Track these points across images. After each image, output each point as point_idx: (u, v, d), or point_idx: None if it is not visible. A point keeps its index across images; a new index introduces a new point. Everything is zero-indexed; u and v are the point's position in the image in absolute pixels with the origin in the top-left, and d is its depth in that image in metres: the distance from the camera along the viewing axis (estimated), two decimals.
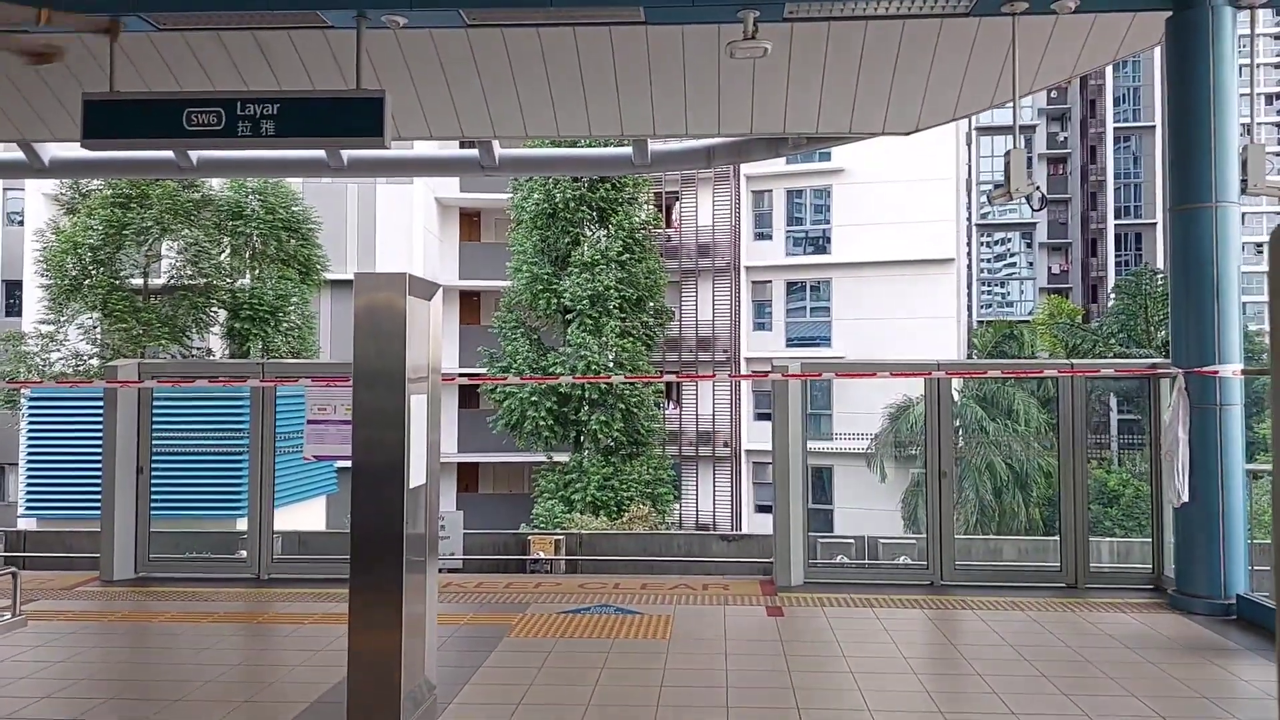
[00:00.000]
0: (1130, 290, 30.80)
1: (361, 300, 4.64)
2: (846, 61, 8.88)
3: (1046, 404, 23.53)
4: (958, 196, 31.95)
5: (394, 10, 7.42)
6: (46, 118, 10.03)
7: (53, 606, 7.43)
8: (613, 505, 24.26)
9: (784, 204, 32.59)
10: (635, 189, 26.04)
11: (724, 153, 11.32)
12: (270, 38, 8.56)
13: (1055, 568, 8.17)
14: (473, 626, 6.81)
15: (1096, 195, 53.60)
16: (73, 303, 20.44)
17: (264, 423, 8.51)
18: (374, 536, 4.62)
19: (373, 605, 4.57)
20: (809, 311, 32.41)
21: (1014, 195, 7.45)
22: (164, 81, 9.00)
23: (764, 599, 7.64)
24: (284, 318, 21.51)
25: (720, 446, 31.64)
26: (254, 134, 7.26)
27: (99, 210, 20.12)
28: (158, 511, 8.89)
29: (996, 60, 8.66)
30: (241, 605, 7.59)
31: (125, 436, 8.44)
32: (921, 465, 8.60)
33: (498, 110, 9.88)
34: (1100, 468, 25.18)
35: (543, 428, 24.53)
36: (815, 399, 25.62)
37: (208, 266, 21.04)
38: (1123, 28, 8.42)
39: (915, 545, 10.13)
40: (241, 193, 21.38)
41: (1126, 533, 22.02)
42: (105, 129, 7.40)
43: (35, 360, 20.71)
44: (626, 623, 6.85)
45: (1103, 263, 52.12)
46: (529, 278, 25.32)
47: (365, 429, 4.63)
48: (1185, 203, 7.20)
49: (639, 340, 25.69)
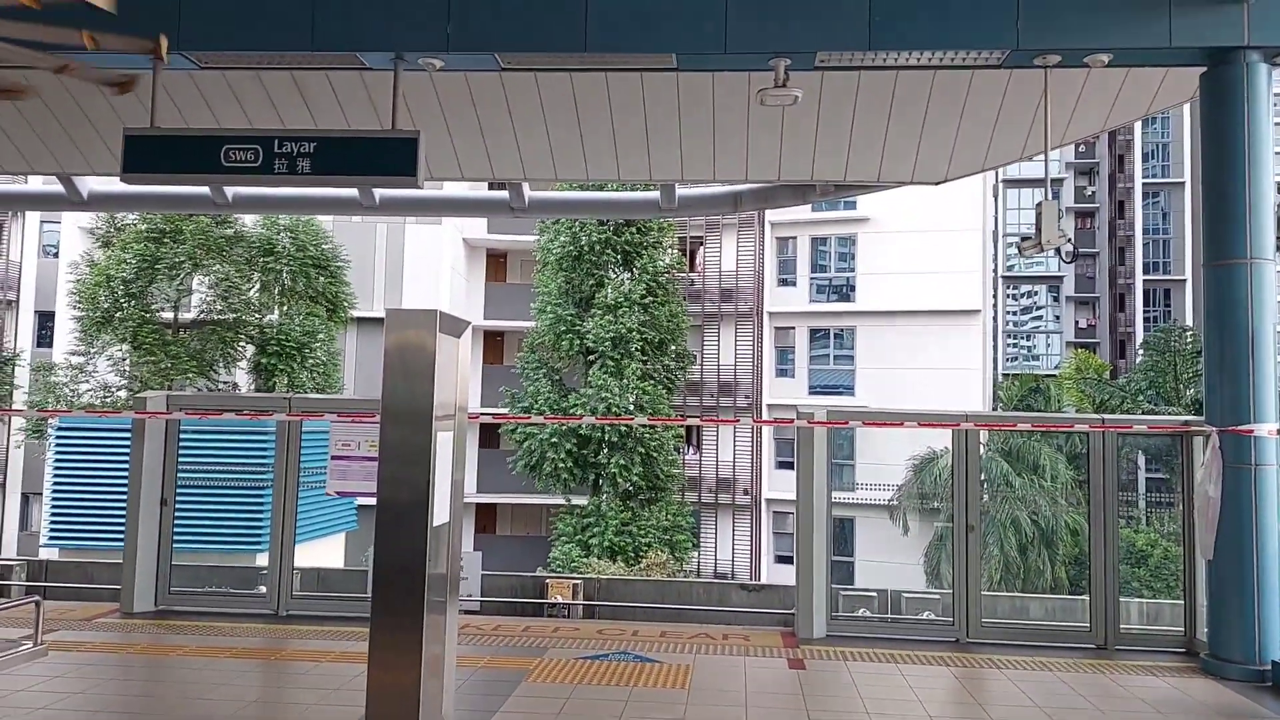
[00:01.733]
0: (1159, 347, 30.50)
1: (392, 336, 4.66)
2: (876, 111, 8.93)
3: (1074, 460, 23.23)
4: (984, 248, 31.89)
5: (431, 53, 7.53)
6: (86, 151, 10.22)
7: (73, 637, 7.42)
8: (630, 551, 24.06)
9: (808, 251, 32.64)
10: (660, 233, 26.18)
11: (751, 198, 11.37)
12: (308, 77, 8.72)
13: (1084, 628, 7.99)
14: (490, 669, 6.72)
15: (1125, 250, 53.36)
16: (103, 335, 20.70)
17: (288, 457, 8.52)
18: (396, 574, 4.59)
19: (393, 644, 4.53)
20: (832, 359, 32.30)
21: (1045, 246, 7.41)
22: (202, 118, 9.16)
23: (785, 651, 7.51)
24: (310, 354, 21.68)
25: (740, 494, 31.40)
26: (290, 171, 7.35)
27: (133, 244, 20.44)
28: (180, 544, 8.89)
29: (1027, 112, 8.67)
30: (260, 641, 7.54)
31: (151, 468, 8.47)
32: (946, 519, 8.49)
33: (528, 153, 9.98)
34: (1128, 527, 24.76)
35: (562, 469, 24.45)
36: (838, 448, 25.44)
37: (237, 302, 21.29)
38: (1155, 83, 8.42)
39: (939, 600, 9.97)
40: (273, 229, 21.68)
41: (1155, 594, 21.59)
42: (145, 163, 7.51)
43: (64, 391, 20.93)
44: (645, 671, 6.75)
45: (1130, 318, 51.70)
46: (553, 319, 25.42)
47: (391, 465, 4.62)
48: (1220, 259, 7.14)
49: (660, 383, 25.65)
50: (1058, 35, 7.10)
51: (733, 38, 7.22)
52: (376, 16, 7.46)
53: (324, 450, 8.17)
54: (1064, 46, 7.15)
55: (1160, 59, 7.57)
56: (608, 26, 7.31)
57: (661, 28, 7.32)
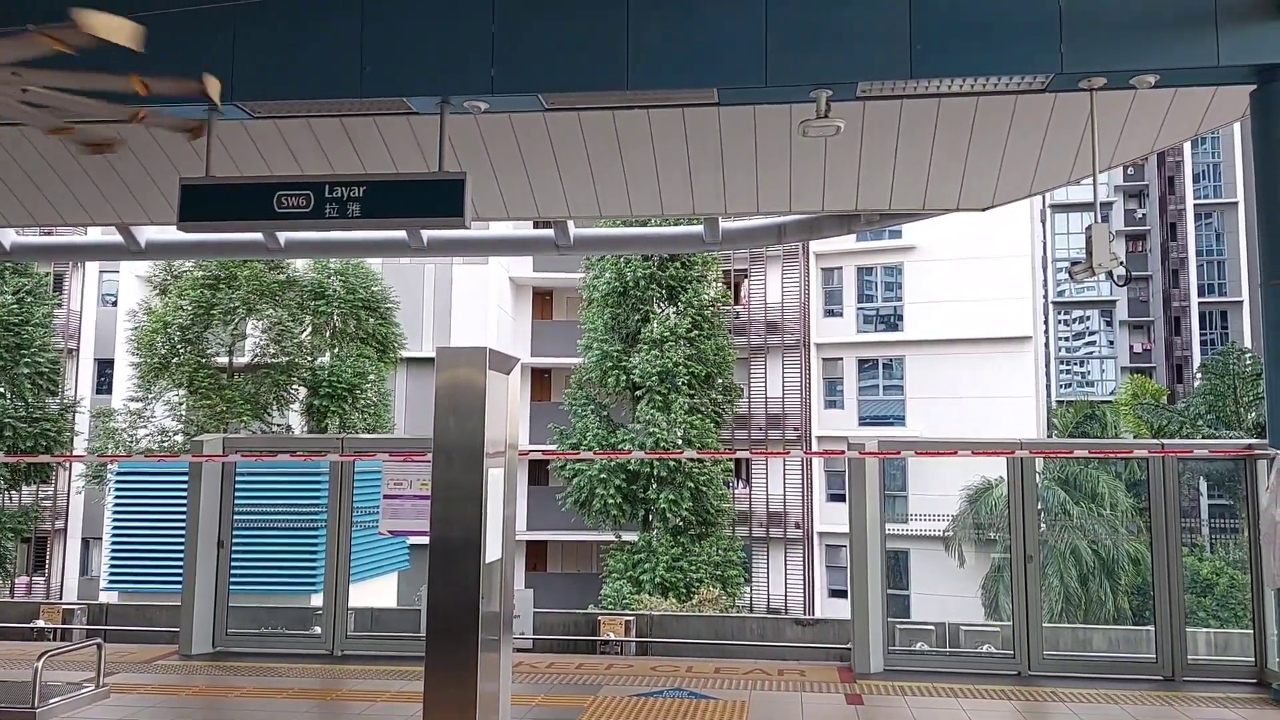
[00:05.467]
0: (1218, 370, 29.78)
1: (443, 375, 4.71)
2: (920, 138, 8.89)
3: (1132, 487, 22.68)
4: (1034, 273, 31.47)
5: (476, 96, 7.67)
6: (144, 201, 10.52)
7: (133, 679, 7.52)
8: (681, 587, 23.87)
9: (854, 281, 32.45)
10: (704, 267, 26.23)
11: (795, 229, 11.35)
12: (356, 123, 8.91)
13: (1150, 659, 7.77)
14: (545, 707, 6.69)
15: (1178, 272, 52.37)
16: (161, 380, 21.17)
17: (342, 498, 8.61)
18: (450, 612, 4.60)
19: (448, 683, 4.53)
20: (881, 389, 31.97)
21: (1096, 270, 7.30)
22: (254, 165, 9.39)
23: (842, 686, 7.38)
24: (361, 395, 21.97)
25: (792, 528, 31.07)
26: (341, 215, 7.50)
27: (189, 291, 20.94)
28: (236, 586, 9.00)
29: (1074, 136, 8.58)
30: (315, 681, 7.59)
31: (208, 511, 8.61)
32: (1003, 549, 8.32)
33: (573, 191, 10.08)
34: (1192, 555, 24.06)
35: (611, 505, 24.39)
36: (891, 480, 25.13)
37: (290, 345, 21.67)
38: (1204, 102, 8.29)
39: (999, 633, 9.73)
40: (324, 273, 22.09)
41: (1222, 623, 20.91)
42: (200, 211, 7.72)
43: (123, 436, 21.40)
44: (700, 708, 6.67)
45: (1187, 341, 50.62)
46: (599, 355, 25.50)
47: (443, 502, 4.65)
48: (1277, 278, 6.97)
49: (708, 417, 25.56)
50: (1102, 57, 7.03)
51: (773, 71, 7.25)
52: (424, 63, 7.62)
53: (376, 490, 8.24)
54: (1109, 69, 7.08)
55: (1208, 78, 7.46)
56: (649, 64, 7.39)
57: (702, 63, 7.38)
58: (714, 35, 7.36)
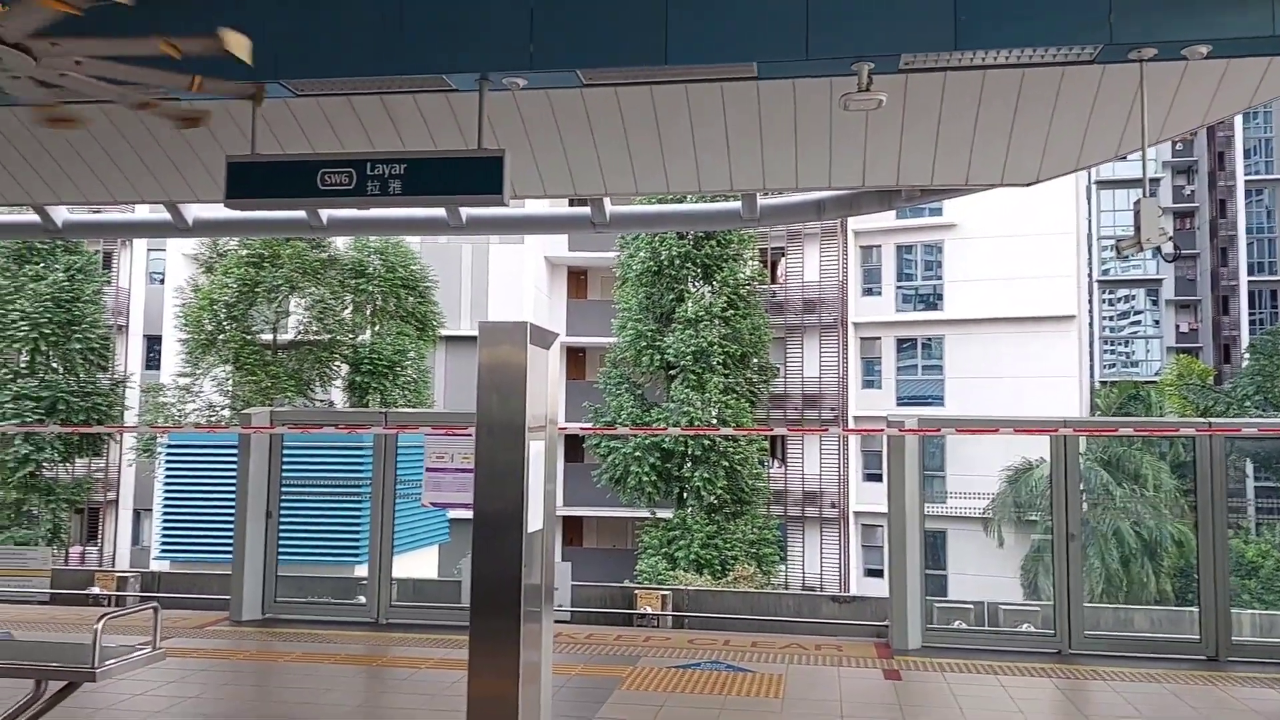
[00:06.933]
0: (1267, 350, 29.24)
1: (485, 350, 4.76)
2: (964, 111, 8.77)
3: (1176, 468, 22.36)
4: (1078, 251, 30.93)
5: (515, 73, 7.68)
6: (191, 180, 10.67)
7: (187, 644, 7.73)
8: (717, 564, 23.97)
9: (893, 259, 32.13)
10: (740, 245, 26.11)
11: (834, 205, 11.24)
12: (396, 101, 8.96)
13: (1194, 639, 7.70)
14: (585, 677, 6.79)
15: (1227, 250, 51.23)
16: (208, 356, 21.57)
17: (385, 471, 8.75)
18: (493, 583, 4.67)
19: (492, 652, 4.61)
20: (920, 369, 31.68)
21: (1144, 245, 7.18)
22: (297, 144, 9.49)
23: (880, 661, 7.40)
24: (401, 372, 22.23)
25: (828, 507, 31.01)
26: (382, 193, 7.57)
27: (234, 269, 21.28)
28: (285, 556, 9.20)
29: (1122, 109, 8.42)
30: (361, 648, 7.75)
31: (256, 482, 8.80)
32: (1044, 530, 8.27)
33: (610, 168, 10.07)
34: (1237, 537, 23.69)
35: (646, 483, 24.51)
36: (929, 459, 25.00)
37: (332, 322, 21.97)
38: (1258, 74, 8.09)
39: (1039, 613, 9.68)
40: (364, 252, 22.33)
41: (1267, 606, 20.62)
42: (246, 189, 7.82)
43: (172, 411, 21.85)
44: (738, 680, 6.73)
45: (1235, 321, 49.56)
46: (634, 334, 25.53)
47: (486, 476, 4.71)
48: None
49: (743, 397, 25.53)
50: (1153, 27, 6.88)
51: (814, 43, 7.18)
52: (462, 39, 7.64)
53: (418, 464, 8.37)
54: (1159, 39, 6.92)
55: (1263, 48, 7.26)
56: (688, 38, 7.35)
57: (741, 37, 7.32)
58: (754, 7, 7.29)
